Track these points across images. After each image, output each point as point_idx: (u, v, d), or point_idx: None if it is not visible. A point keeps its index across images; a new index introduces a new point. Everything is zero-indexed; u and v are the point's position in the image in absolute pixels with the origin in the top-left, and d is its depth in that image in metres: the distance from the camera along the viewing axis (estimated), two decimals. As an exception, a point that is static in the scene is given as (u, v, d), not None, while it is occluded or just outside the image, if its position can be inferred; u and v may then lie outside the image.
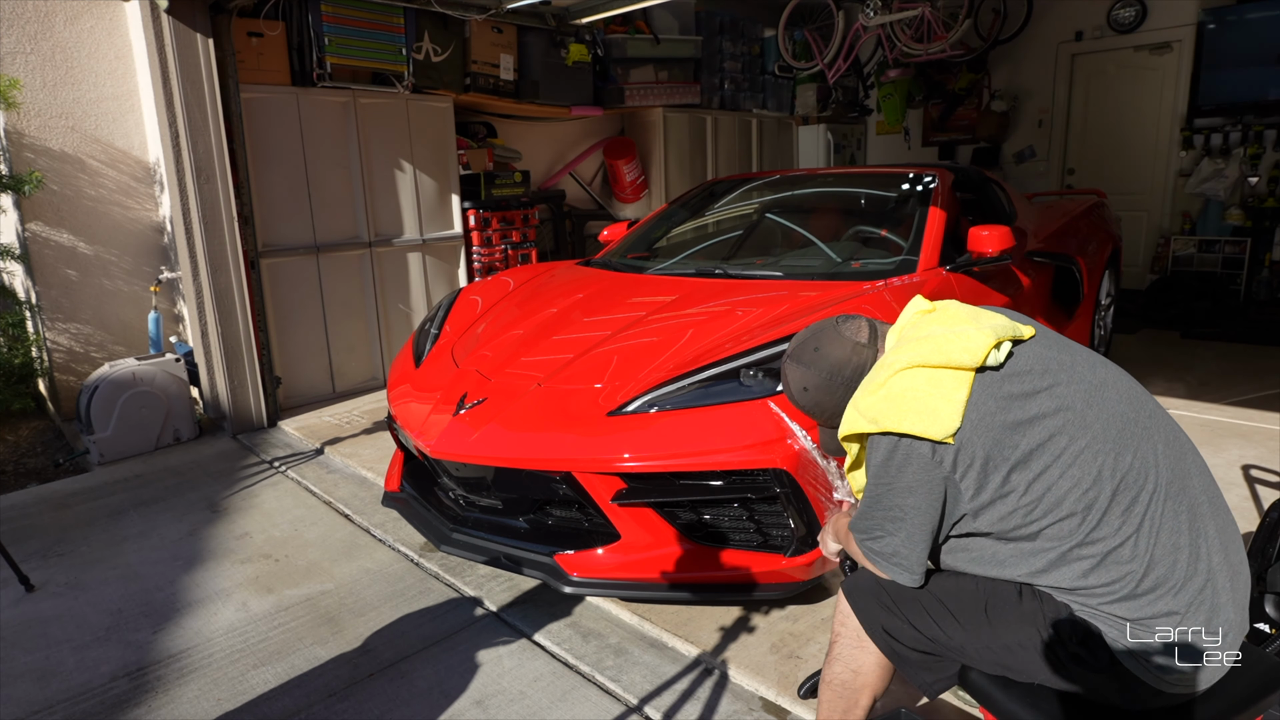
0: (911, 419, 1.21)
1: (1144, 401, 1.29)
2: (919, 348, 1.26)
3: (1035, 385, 1.24)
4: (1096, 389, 1.25)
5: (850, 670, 1.40)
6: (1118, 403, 1.25)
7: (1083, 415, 1.22)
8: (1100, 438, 1.20)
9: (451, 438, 2.29)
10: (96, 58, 4.14)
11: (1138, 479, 1.19)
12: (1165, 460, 1.23)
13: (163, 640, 2.28)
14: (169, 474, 3.59)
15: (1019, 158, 7.22)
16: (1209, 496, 1.26)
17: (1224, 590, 1.20)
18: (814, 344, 1.42)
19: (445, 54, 4.77)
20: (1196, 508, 1.23)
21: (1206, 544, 1.21)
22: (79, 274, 4.18)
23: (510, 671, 2.07)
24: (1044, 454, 1.20)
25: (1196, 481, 1.26)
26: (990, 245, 2.88)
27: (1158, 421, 1.27)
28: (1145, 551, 1.18)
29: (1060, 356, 1.29)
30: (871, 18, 5.95)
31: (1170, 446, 1.25)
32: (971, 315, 1.30)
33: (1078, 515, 1.18)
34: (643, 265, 3.41)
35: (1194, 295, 5.90)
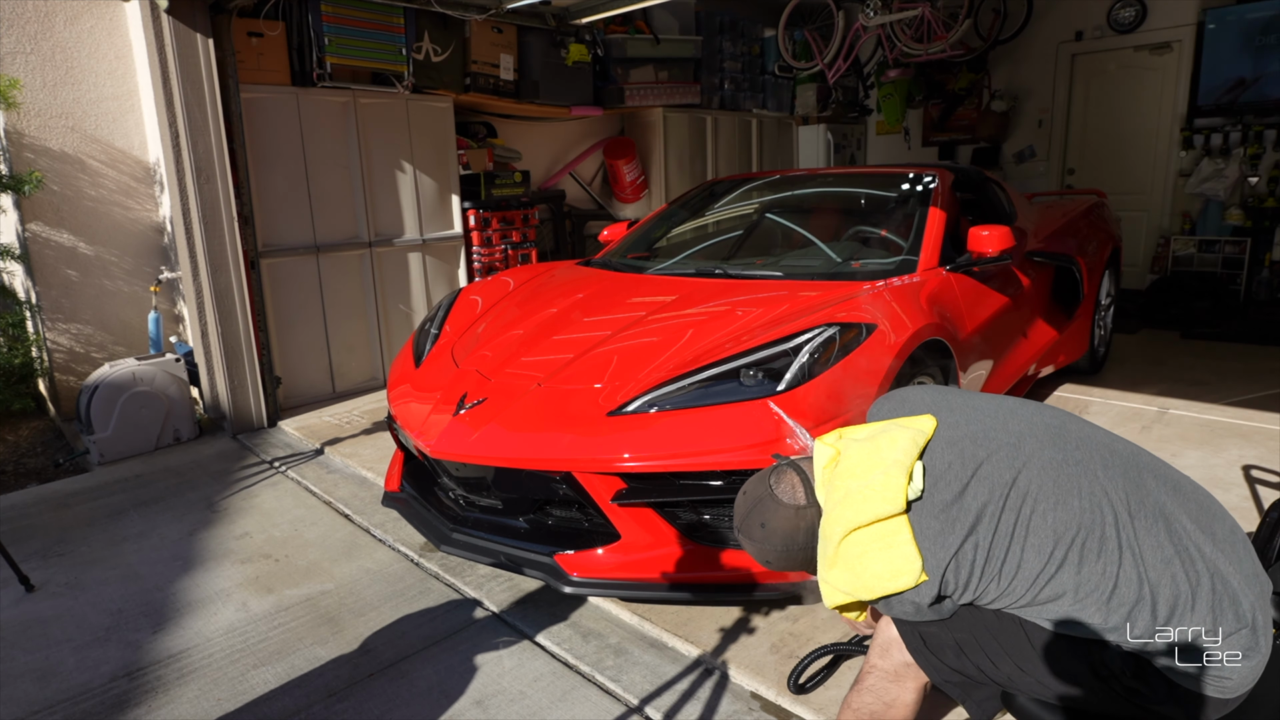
0: (880, 584, 1.25)
1: (1067, 434, 1.31)
2: (844, 511, 1.29)
3: (962, 480, 1.26)
4: (1016, 448, 1.28)
5: (882, 703, 1.38)
6: (1041, 450, 1.27)
7: (1016, 484, 1.24)
8: (1047, 493, 1.23)
9: (451, 438, 2.29)
10: (96, 58, 4.14)
11: (1095, 517, 1.21)
12: (1111, 483, 1.25)
13: (163, 640, 2.28)
14: (169, 474, 3.59)
15: (1019, 158, 7.21)
16: (1171, 490, 1.27)
17: (1231, 575, 1.20)
18: (758, 520, 1.43)
19: (445, 54, 4.77)
20: (1164, 511, 1.23)
21: (1191, 540, 1.21)
22: (79, 274, 4.18)
23: (510, 671, 2.07)
24: (1003, 540, 1.22)
25: (1152, 483, 1.27)
26: (990, 245, 2.89)
27: (1087, 448, 1.29)
28: (1140, 580, 1.19)
29: (970, 430, 1.31)
30: (871, 18, 5.95)
31: (1110, 467, 1.27)
32: (873, 455, 1.30)
33: (1055, 576, 1.21)
34: (643, 265, 3.41)
35: (1194, 295, 5.90)
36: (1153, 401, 3.93)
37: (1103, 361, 4.56)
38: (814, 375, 2.15)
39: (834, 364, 2.18)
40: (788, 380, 2.13)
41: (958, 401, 1.39)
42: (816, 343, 2.22)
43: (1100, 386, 4.22)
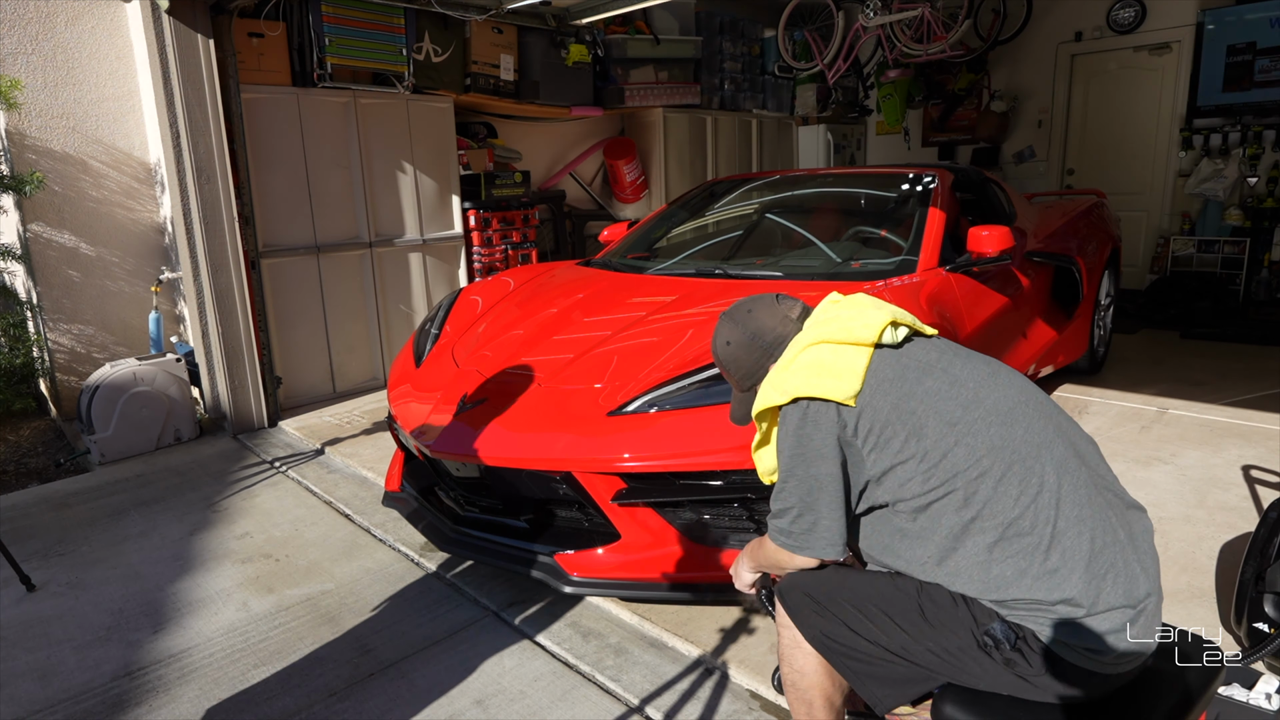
0: (816, 383, 1.31)
1: (1036, 394, 1.38)
2: (825, 327, 1.38)
3: (930, 363, 1.35)
4: (989, 376, 1.35)
5: (796, 671, 1.42)
6: (1009, 388, 1.34)
7: (975, 392, 1.31)
8: (993, 411, 1.29)
9: (452, 438, 2.29)
10: (97, 58, 4.14)
11: (1032, 452, 1.26)
12: (1059, 440, 1.29)
13: (164, 640, 2.28)
14: (170, 474, 3.60)
15: (1019, 158, 7.22)
16: (1108, 482, 1.32)
17: (1134, 563, 1.23)
18: (749, 306, 1.51)
19: (445, 54, 4.77)
20: (1096, 485, 1.28)
21: (1109, 520, 1.25)
22: (80, 274, 4.18)
23: (510, 671, 2.07)
24: (938, 421, 1.27)
25: (1094, 465, 1.32)
26: (990, 245, 2.89)
27: (1050, 409, 1.36)
28: (1047, 522, 1.21)
29: (957, 352, 1.40)
30: (871, 18, 5.96)
31: (1062, 433, 1.32)
32: (875, 304, 1.41)
33: (974, 482, 1.23)
34: (643, 265, 3.41)
35: (1193, 295, 5.90)
36: (1152, 401, 3.93)
37: (1102, 361, 4.57)
38: (814, 375, 2.15)
39: (834, 364, 2.19)
40: (787, 380, 2.13)
41: (955, 344, 1.48)
42: (816, 343, 2.22)
43: (1100, 386, 4.23)
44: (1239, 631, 1.94)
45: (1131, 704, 1.26)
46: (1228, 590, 2.21)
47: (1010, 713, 1.25)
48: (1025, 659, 1.22)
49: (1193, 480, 3.01)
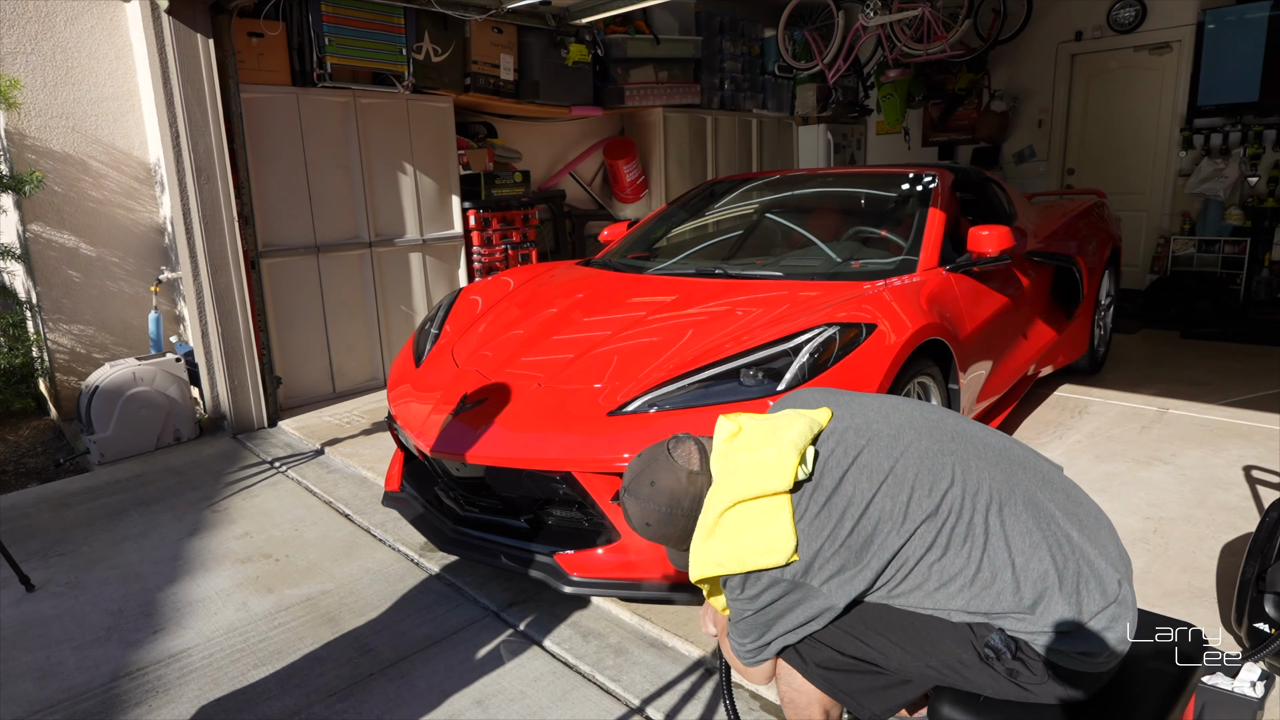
0: (751, 557, 1.26)
1: (944, 428, 1.36)
2: (733, 483, 1.29)
3: (843, 466, 1.30)
4: (895, 439, 1.33)
5: (794, 690, 1.39)
6: (919, 440, 1.32)
7: (894, 472, 1.28)
8: (918, 484, 1.27)
9: (452, 438, 2.29)
10: (97, 58, 4.14)
11: (966, 503, 1.25)
12: (983, 473, 1.29)
13: (163, 640, 2.28)
14: (169, 474, 3.59)
15: (1019, 158, 7.22)
16: (1040, 482, 1.32)
17: (1096, 558, 1.24)
18: (649, 478, 1.39)
19: (445, 54, 4.77)
20: (1033, 500, 1.28)
21: (1058, 527, 1.26)
22: (79, 274, 4.18)
23: (510, 671, 2.07)
24: (879, 528, 1.25)
25: (1022, 475, 1.32)
26: (990, 245, 2.89)
27: (962, 440, 1.34)
28: (1005, 565, 1.22)
29: (854, 422, 1.36)
30: (871, 18, 5.96)
31: (982, 458, 1.31)
32: (771, 433, 1.33)
33: (931, 562, 1.24)
34: (643, 265, 3.41)
35: (1194, 295, 5.90)
36: (1152, 401, 3.93)
37: (1102, 361, 4.57)
38: (814, 375, 2.15)
39: (834, 364, 2.19)
40: (787, 380, 2.13)
41: (845, 398, 1.46)
42: (816, 343, 2.22)
43: (1100, 386, 4.22)
44: (1239, 631, 1.94)
45: (1123, 696, 1.28)
46: (1228, 590, 2.21)
47: (1008, 711, 1.26)
48: (1027, 668, 1.23)
49: (1193, 480, 3.01)
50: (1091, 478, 3.07)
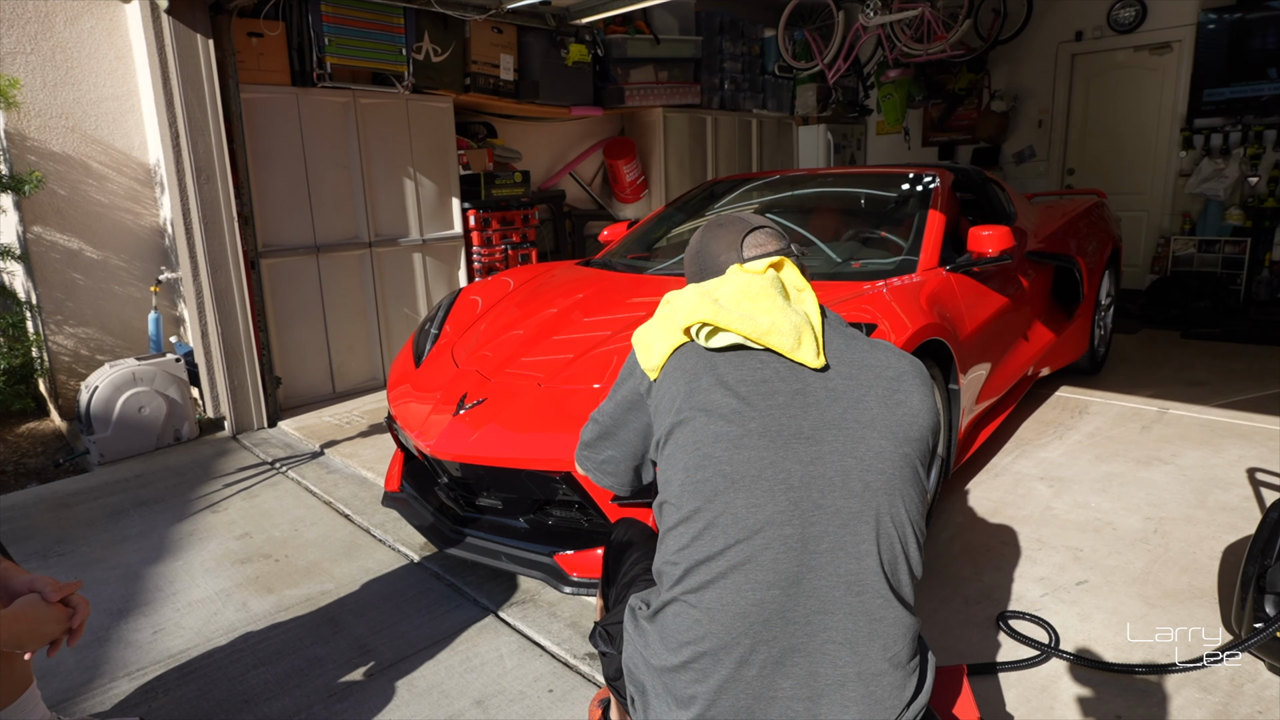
0: (640, 350, 1.35)
1: (834, 474, 1.12)
2: (681, 298, 1.33)
3: (732, 386, 1.19)
4: (786, 437, 1.14)
5: None
6: (795, 463, 1.12)
7: (742, 440, 1.13)
8: (744, 467, 1.12)
9: (451, 438, 2.29)
10: (97, 58, 4.14)
11: (741, 523, 1.10)
12: (799, 534, 1.10)
13: (163, 640, 2.28)
14: (169, 474, 3.59)
15: (1019, 158, 7.21)
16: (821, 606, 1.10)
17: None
18: (720, 222, 1.43)
19: (445, 54, 4.77)
20: (805, 613, 1.10)
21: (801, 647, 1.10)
22: (79, 274, 4.18)
23: (510, 671, 2.07)
24: (686, 442, 1.18)
25: (827, 577, 1.10)
26: (990, 245, 2.89)
27: (832, 499, 1.11)
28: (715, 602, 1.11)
29: (793, 386, 1.18)
30: (871, 18, 5.95)
31: (830, 524, 1.11)
32: (755, 297, 1.22)
33: (682, 512, 1.15)
34: (643, 265, 3.41)
35: (1194, 295, 5.90)
36: (1153, 401, 3.93)
37: (1103, 361, 4.56)
38: (814, 375, 2.14)
39: (834, 364, 2.18)
40: (788, 380, 2.13)
41: (826, 385, 1.23)
42: (816, 343, 2.21)
43: (1100, 387, 4.22)
44: (1240, 632, 1.94)
45: None
46: (1229, 590, 2.21)
47: None
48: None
49: (1193, 480, 3.01)
50: (1092, 478, 3.07)
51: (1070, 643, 2.05)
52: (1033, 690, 1.89)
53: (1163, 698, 1.84)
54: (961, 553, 2.55)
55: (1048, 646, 2.01)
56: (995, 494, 2.98)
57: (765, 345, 1.20)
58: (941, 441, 2.67)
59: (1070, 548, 2.55)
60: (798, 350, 1.19)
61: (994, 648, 2.05)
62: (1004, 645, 2.06)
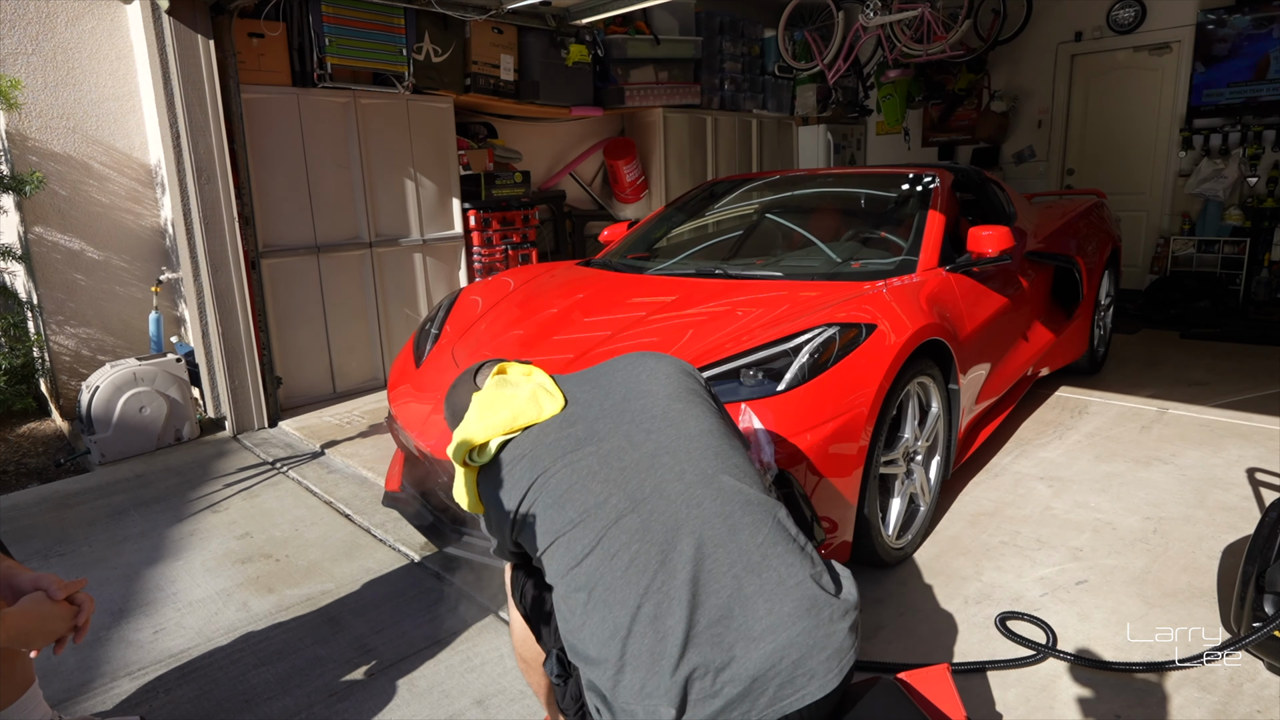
0: (458, 498, 1.47)
1: (651, 445, 1.32)
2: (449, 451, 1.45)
3: (532, 453, 1.36)
4: (574, 445, 1.34)
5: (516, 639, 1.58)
6: (592, 458, 1.31)
7: (550, 476, 1.31)
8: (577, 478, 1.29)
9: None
10: (98, 59, 4.14)
11: (577, 508, 1.25)
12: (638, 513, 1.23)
13: (163, 640, 2.28)
14: (170, 474, 3.60)
15: (1019, 158, 7.22)
16: (712, 534, 1.20)
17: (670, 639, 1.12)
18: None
19: (445, 54, 4.77)
20: (672, 549, 1.18)
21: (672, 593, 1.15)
22: (80, 274, 4.18)
23: (511, 671, 2.07)
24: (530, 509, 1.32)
25: (694, 520, 1.21)
26: (990, 246, 2.89)
27: (633, 456, 1.30)
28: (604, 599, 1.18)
29: (563, 431, 1.38)
30: (871, 18, 5.96)
31: (666, 496, 1.25)
32: (490, 406, 1.42)
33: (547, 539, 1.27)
34: (643, 265, 3.41)
35: (1193, 295, 5.90)
36: (1152, 401, 3.93)
37: (1102, 361, 4.57)
38: (814, 375, 2.15)
39: (834, 364, 2.19)
40: (788, 380, 2.13)
41: (588, 396, 1.46)
42: (816, 343, 2.22)
43: (1100, 387, 4.23)
44: (1239, 632, 1.95)
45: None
46: (1228, 590, 2.22)
47: None
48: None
49: (1193, 480, 3.01)
50: (1091, 478, 3.08)
51: (1070, 642, 2.05)
52: (1032, 690, 1.89)
53: (1162, 697, 1.84)
54: (962, 553, 2.56)
55: (1045, 646, 2.01)
56: (995, 494, 2.98)
57: (519, 428, 1.39)
58: (941, 441, 2.68)
59: (1070, 548, 2.55)
60: (542, 414, 1.40)
61: (994, 648, 2.06)
62: (1004, 645, 2.06)
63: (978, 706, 1.84)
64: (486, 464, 1.41)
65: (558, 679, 1.26)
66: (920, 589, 2.35)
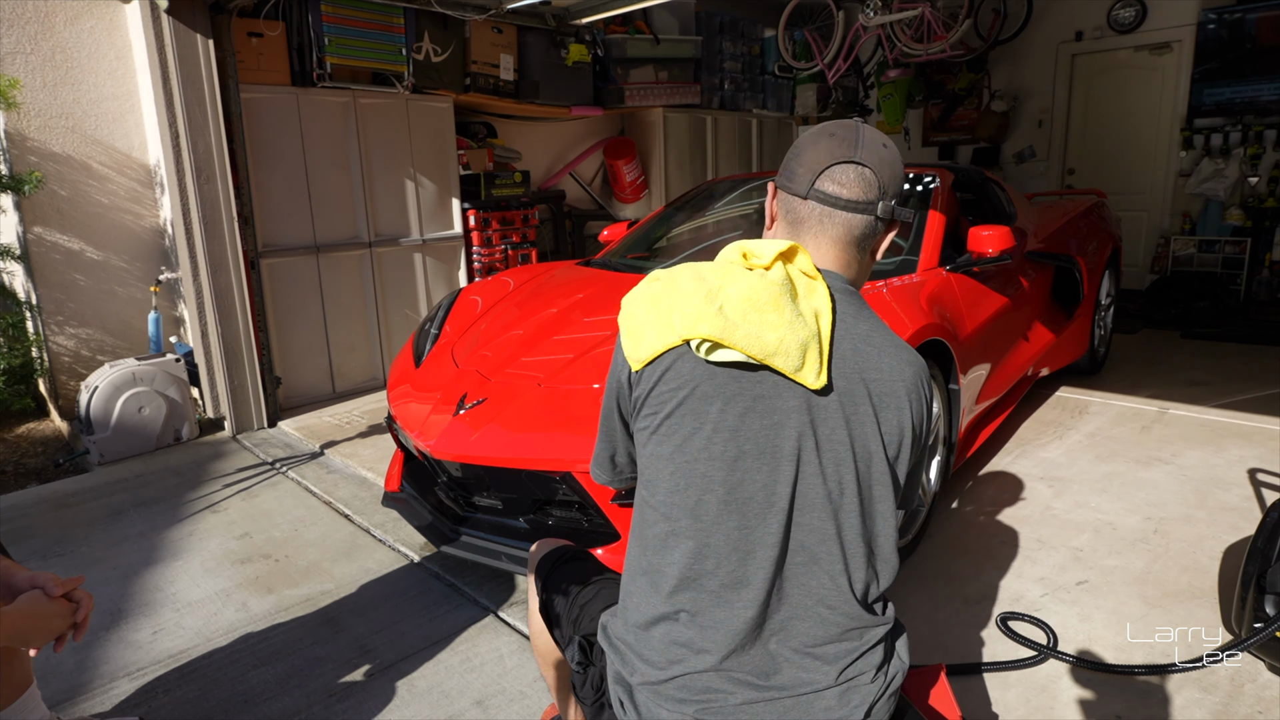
0: (627, 336, 1.18)
1: (773, 485, 1.11)
2: (680, 291, 1.15)
3: (728, 400, 1.13)
4: (778, 458, 1.12)
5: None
6: (785, 484, 1.11)
7: (737, 462, 1.11)
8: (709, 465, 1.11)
9: (451, 438, 2.29)
10: (97, 58, 4.14)
11: (734, 545, 1.10)
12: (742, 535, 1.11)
13: (163, 640, 2.28)
14: (169, 474, 3.59)
15: (1019, 158, 7.21)
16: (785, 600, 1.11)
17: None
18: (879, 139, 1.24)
19: (445, 54, 4.77)
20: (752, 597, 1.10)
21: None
22: (79, 274, 4.18)
23: (511, 671, 2.07)
24: (675, 449, 1.12)
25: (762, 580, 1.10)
26: (990, 245, 2.89)
27: (809, 518, 1.12)
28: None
29: (790, 404, 1.12)
30: (871, 18, 5.95)
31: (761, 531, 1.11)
32: (748, 304, 1.12)
33: (672, 524, 1.12)
34: (643, 265, 3.41)
35: (1194, 295, 5.90)
36: (1153, 401, 3.93)
37: (1103, 361, 4.57)
38: (814, 375, 2.14)
39: (834, 364, 2.18)
40: (788, 380, 2.12)
41: (787, 397, 1.16)
42: (816, 343, 2.21)
43: (1100, 387, 4.22)
44: (1240, 632, 1.94)
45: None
46: (1229, 590, 2.21)
47: None
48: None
49: (1193, 480, 3.01)
50: (1092, 478, 3.07)
51: (1070, 643, 2.05)
52: (1033, 690, 1.89)
53: (1163, 698, 1.84)
54: (962, 553, 2.55)
55: (1046, 647, 2.01)
56: (995, 494, 2.98)
57: (763, 360, 1.12)
58: (941, 441, 2.67)
59: (1070, 548, 2.55)
60: (800, 371, 1.12)
61: (994, 648, 2.05)
62: (1004, 646, 2.06)
63: (978, 707, 1.84)
64: (679, 353, 1.13)
65: (578, 665, 1.24)
66: (920, 589, 2.35)
